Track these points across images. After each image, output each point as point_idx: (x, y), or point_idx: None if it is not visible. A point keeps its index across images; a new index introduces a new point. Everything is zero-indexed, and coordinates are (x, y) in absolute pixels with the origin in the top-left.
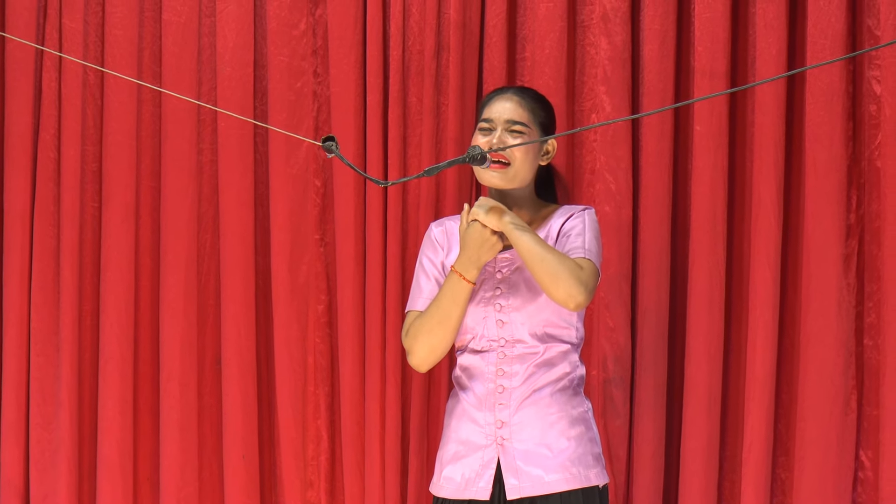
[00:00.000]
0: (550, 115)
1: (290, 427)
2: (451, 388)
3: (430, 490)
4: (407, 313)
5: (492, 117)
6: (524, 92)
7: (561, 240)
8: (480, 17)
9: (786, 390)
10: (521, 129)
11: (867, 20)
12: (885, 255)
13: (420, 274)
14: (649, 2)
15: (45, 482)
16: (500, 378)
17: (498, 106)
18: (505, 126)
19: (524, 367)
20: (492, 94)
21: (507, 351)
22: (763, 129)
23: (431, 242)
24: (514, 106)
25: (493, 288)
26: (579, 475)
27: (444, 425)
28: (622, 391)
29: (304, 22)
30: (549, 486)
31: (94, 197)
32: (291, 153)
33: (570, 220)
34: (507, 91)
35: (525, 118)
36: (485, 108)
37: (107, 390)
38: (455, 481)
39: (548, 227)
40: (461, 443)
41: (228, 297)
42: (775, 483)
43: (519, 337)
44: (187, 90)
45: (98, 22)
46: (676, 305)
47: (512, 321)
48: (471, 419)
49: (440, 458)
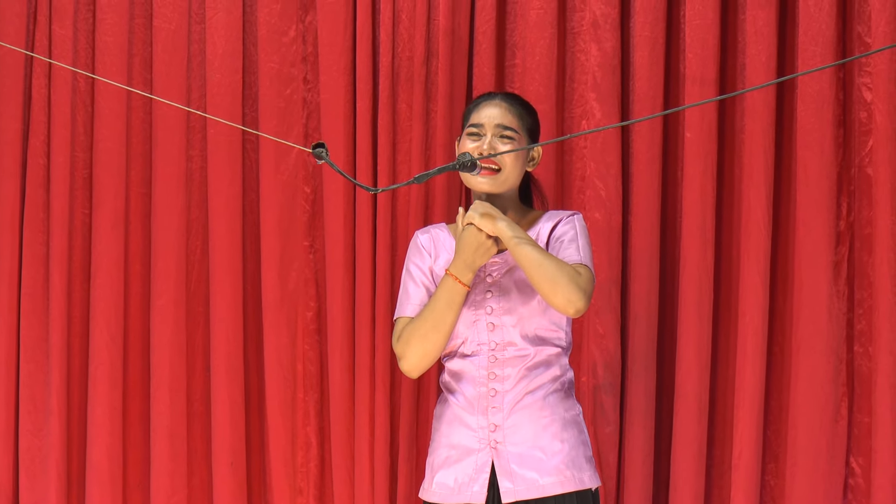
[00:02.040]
0: (536, 122)
1: (280, 434)
2: (440, 393)
3: (421, 496)
4: (396, 320)
5: (481, 122)
6: (512, 98)
7: (553, 245)
8: (470, 23)
9: (776, 397)
10: (511, 135)
11: (857, 27)
12: (876, 261)
13: (408, 280)
14: (639, 8)
15: (35, 489)
16: (491, 381)
17: (486, 111)
18: (495, 131)
19: (516, 371)
20: (479, 99)
21: (498, 354)
22: (753, 136)
23: (418, 248)
24: (502, 112)
25: (484, 291)
26: (573, 478)
27: (433, 430)
28: (612, 397)
29: (294, 29)
30: (544, 489)
31: (83, 203)
32: (281, 160)
33: (560, 226)
34: (494, 97)
35: (514, 123)
36: (472, 113)
37: (96, 397)
38: (448, 486)
39: (537, 231)
40: (453, 447)
41: (218, 303)
42: (765, 490)
43: (510, 340)
44: (177, 97)
45: (88, 28)
46: (666, 312)
47: (503, 324)
48: (463, 423)
49: (431, 463)
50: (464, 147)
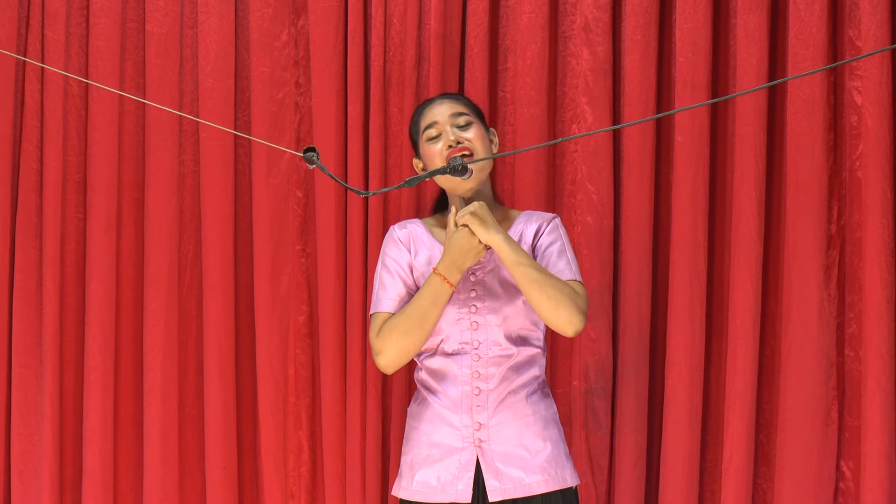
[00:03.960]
0: (479, 108)
1: (272, 438)
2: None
3: (397, 494)
4: (373, 315)
5: (435, 119)
6: (448, 94)
7: (541, 256)
8: (462, 27)
9: (767, 401)
10: (468, 119)
11: (848, 31)
12: (867, 265)
13: (384, 275)
14: (631, 12)
15: (28, 493)
16: (475, 380)
17: (435, 109)
18: (451, 122)
19: (499, 370)
20: (420, 107)
21: (482, 353)
22: (744, 140)
23: (395, 242)
24: (448, 104)
25: (468, 290)
26: (557, 476)
27: (410, 429)
28: (604, 401)
29: (286, 33)
30: (530, 487)
31: (76, 208)
32: (273, 164)
33: (545, 234)
34: (433, 99)
35: (464, 108)
36: (422, 117)
37: (89, 401)
38: (430, 485)
39: (519, 233)
40: (434, 445)
41: (210, 307)
42: (756, 493)
43: (494, 339)
44: (170, 101)
45: (81, 33)
46: (658, 316)
47: (487, 323)
48: (445, 422)
49: (409, 462)
50: (430, 153)
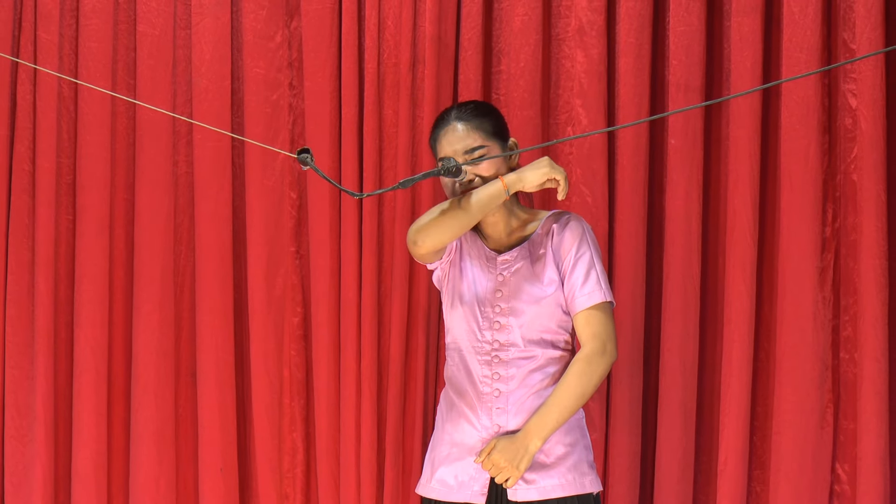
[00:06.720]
0: (499, 121)
1: (266, 440)
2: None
3: (418, 491)
4: None
5: (448, 156)
6: (465, 110)
7: (568, 270)
8: (456, 30)
9: (761, 403)
10: (483, 152)
11: (842, 33)
12: (862, 268)
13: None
14: (625, 15)
15: (20, 495)
16: (495, 382)
17: (446, 140)
18: (465, 158)
19: (520, 372)
20: (435, 127)
21: (502, 354)
22: (738, 143)
23: None
24: (462, 133)
25: (494, 291)
26: (575, 482)
27: (437, 425)
28: (598, 403)
29: (280, 34)
30: (547, 491)
31: (68, 209)
32: (267, 165)
33: (566, 240)
34: (448, 120)
35: (478, 139)
36: (437, 145)
37: (82, 403)
38: (448, 483)
39: (549, 229)
40: (455, 444)
41: (204, 309)
42: (751, 496)
43: (515, 341)
44: (162, 102)
45: (73, 34)
46: (652, 318)
47: (509, 324)
48: (467, 421)
49: (432, 458)
50: (445, 182)
